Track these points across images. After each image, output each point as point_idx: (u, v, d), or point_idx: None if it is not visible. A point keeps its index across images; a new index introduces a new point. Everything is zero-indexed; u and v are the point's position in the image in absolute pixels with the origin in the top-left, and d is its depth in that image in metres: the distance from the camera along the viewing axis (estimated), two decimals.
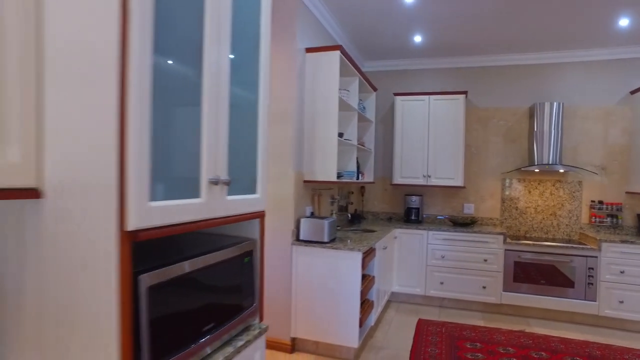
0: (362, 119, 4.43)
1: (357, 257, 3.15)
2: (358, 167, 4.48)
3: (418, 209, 5.03)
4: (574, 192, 4.70)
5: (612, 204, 4.52)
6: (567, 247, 4.17)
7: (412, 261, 4.62)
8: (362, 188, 5.36)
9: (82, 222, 0.93)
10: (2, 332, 1.03)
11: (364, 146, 4.62)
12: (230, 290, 1.35)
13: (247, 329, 1.47)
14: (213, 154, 1.20)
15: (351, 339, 3.16)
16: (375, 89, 4.83)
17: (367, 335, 3.62)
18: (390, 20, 3.95)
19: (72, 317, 0.94)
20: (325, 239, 3.28)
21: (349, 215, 4.79)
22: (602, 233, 4.39)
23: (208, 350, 1.22)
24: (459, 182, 4.75)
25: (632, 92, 4.44)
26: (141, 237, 0.93)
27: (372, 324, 3.74)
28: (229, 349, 1.30)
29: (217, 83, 1.21)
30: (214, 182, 1.20)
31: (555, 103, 4.50)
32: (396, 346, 3.48)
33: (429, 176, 4.85)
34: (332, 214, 4.30)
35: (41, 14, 0.95)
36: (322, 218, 3.35)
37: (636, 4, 3.43)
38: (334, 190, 4.38)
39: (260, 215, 1.52)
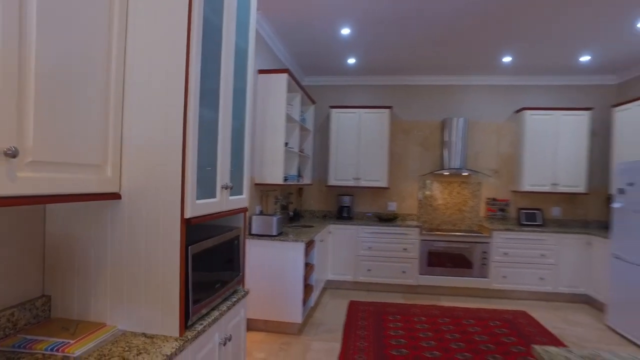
0: (302, 128, 5.08)
1: (301, 247, 3.79)
2: (299, 171, 5.12)
3: (349, 207, 5.79)
4: (475, 192, 5.74)
5: (502, 201, 5.62)
6: (468, 236, 5.15)
7: (344, 252, 5.35)
8: (300, 189, 6.00)
9: (147, 214, 1.46)
10: (89, 288, 1.53)
11: (303, 153, 5.27)
12: (228, 262, 1.92)
13: (235, 291, 2.04)
14: (223, 167, 1.77)
15: (296, 316, 3.79)
16: (314, 102, 5.50)
17: (307, 315, 4.27)
18: (329, 46, 4.64)
19: (146, 275, 1.47)
20: (274, 233, 3.87)
21: (290, 213, 5.41)
22: (494, 224, 5.45)
23: (218, 300, 1.79)
24: (384, 183, 5.57)
25: (516, 112, 5.56)
26: (192, 222, 1.49)
27: (312, 305, 4.40)
28: (228, 303, 1.87)
29: (225, 118, 1.78)
30: (224, 187, 1.77)
31: (461, 118, 5.49)
32: (332, 322, 4.17)
33: (359, 178, 5.62)
34: (276, 212, 4.89)
35: (123, 65, 1.46)
36: (271, 215, 3.94)
37: (514, 47, 4.44)
38: (278, 192, 4.98)
39: (244, 210, 2.10)
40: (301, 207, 6.06)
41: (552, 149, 5.24)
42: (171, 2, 1.44)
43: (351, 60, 5.15)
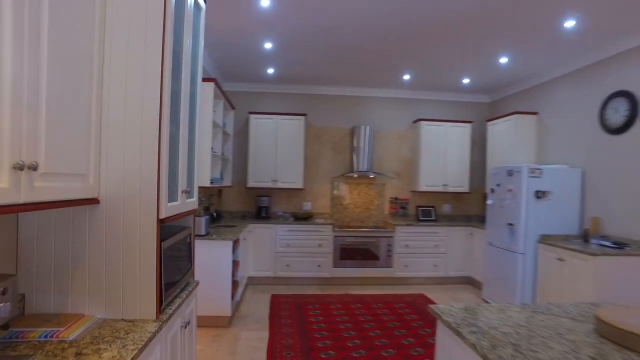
0: (224, 133, 5.31)
1: (229, 245, 4.06)
2: (221, 174, 5.35)
3: (267, 207, 6.14)
4: (380, 192, 6.46)
5: (403, 199, 6.41)
6: (375, 232, 5.82)
7: (264, 250, 5.69)
8: (219, 191, 6.19)
9: (125, 215, 1.70)
10: (65, 284, 1.70)
11: (224, 156, 5.50)
12: (183, 257, 2.18)
13: (189, 283, 2.31)
14: (182, 174, 2.04)
15: (225, 309, 4.05)
16: (233, 108, 5.75)
17: (235, 308, 4.53)
18: (251, 57, 4.95)
19: (124, 268, 1.69)
20: (203, 232, 4.09)
21: (214, 214, 5.60)
22: (397, 220, 6.20)
23: (178, 290, 2.05)
24: (299, 185, 6.02)
25: (414, 122, 6.40)
26: (164, 222, 1.75)
27: (238, 299, 4.68)
28: (185, 292, 2.13)
29: (183, 132, 2.04)
30: (184, 191, 2.03)
31: (368, 126, 6.16)
32: (258, 314, 4.50)
33: (277, 180, 6.00)
34: (200, 213, 5.06)
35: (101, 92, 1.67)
36: (199, 215, 4.14)
37: (412, 67, 5.18)
38: (201, 194, 5.14)
39: (194, 211, 2.37)
40: (221, 208, 6.25)
41: (443, 154, 6.14)
42: (146, 42, 1.69)
43: (270, 70, 5.51)
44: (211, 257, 4.03)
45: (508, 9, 3.43)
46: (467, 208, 6.59)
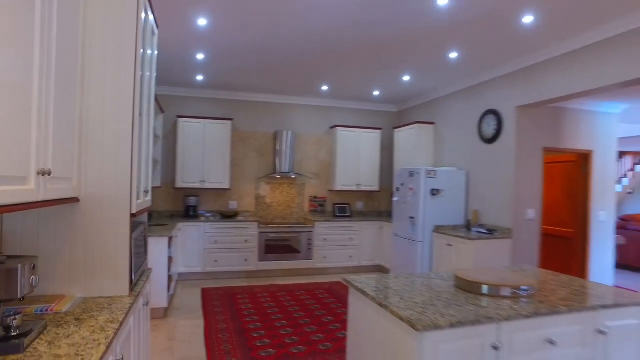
0: (154, 135, 5.54)
1: (165, 241, 4.39)
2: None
3: (195, 206, 6.44)
4: (300, 191, 7.08)
5: (321, 198, 7.10)
6: (296, 227, 6.42)
7: (193, 247, 6.01)
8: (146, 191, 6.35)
9: (102, 211, 2.08)
10: (48, 271, 2.03)
11: (153, 157, 5.72)
12: (142, 247, 2.57)
13: (145, 270, 2.69)
14: (144, 177, 2.43)
15: (162, 302, 4.37)
16: (163, 111, 5.98)
17: (169, 301, 4.84)
18: (182, 66, 5.26)
19: (102, 254, 2.07)
20: None
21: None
22: (316, 216, 6.86)
23: (140, 273, 2.45)
24: (226, 185, 6.42)
25: (331, 127, 7.11)
26: (135, 216, 2.16)
27: (172, 293, 4.98)
28: (145, 277, 2.53)
29: (147, 141, 2.44)
30: (145, 191, 2.43)
31: (290, 131, 6.74)
32: (191, 306, 4.86)
33: (204, 181, 6.34)
34: None
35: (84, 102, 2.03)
36: None
37: (329, 80, 5.87)
38: None
39: (150, 209, 2.75)
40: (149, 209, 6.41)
41: (356, 157, 6.93)
42: (120, 75, 2.09)
43: (200, 77, 5.85)
44: (149, 253, 4.31)
45: (410, 40, 4.22)
46: (378, 205, 7.47)
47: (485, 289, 2.20)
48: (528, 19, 3.63)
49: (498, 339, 1.88)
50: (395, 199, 6.01)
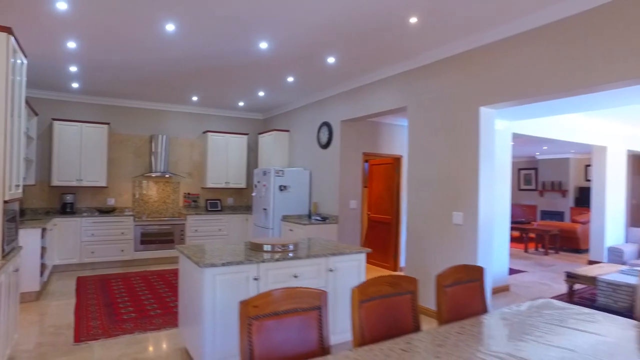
0: (28, 137, 6.00)
1: (38, 232, 5.01)
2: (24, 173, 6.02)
3: (72, 203, 6.94)
4: (175, 189, 7.92)
5: (194, 195, 8.02)
6: (170, 221, 7.27)
7: (69, 240, 6.54)
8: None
9: None
10: None
11: (27, 157, 6.16)
12: (14, 229, 3.35)
13: (17, 247, 3.45)
14: (16, 172, 3.23)
15: (34, 285, 4.98)
16: (37, 114, 6.42)
17: (42, 287, 5.41)
18: (54, 73, 5.83)
19: None
20: None
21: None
22: (189, 211, 7.77)
23: (12, 246, 3.24)
24: (103, 183, 7.03)
25: (204, 132, 8.07)
26: (7, 202, 2.98)
27: (45, 280, 5.55)
28: (15, 250, 3.31)
29: (19, 142, 3.23)
30: (16, 185, 3.23)
31: (165, 135, 7.55)
32: (65, 290, 5.49)
33: (81, 179, 6.88)
34: None
35: None
36: None
37: (198, 91, 6.84)
38: None
39: (21, 199, 3.52)
40: (23, 205, 6.76)
41: (225, 159, 7.97)
42: None
43: (75, 85, 6.42)
44: (22, 242, 4.90)
45: (251, 67, 5.39)
46: (246, 200, 8.60)
47: (265, 247, 3.42)
48: (331, 60, 5.02)
49: (258, 273, 3.09)
50: (253, 194, 7.19)
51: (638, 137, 8.46)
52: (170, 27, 4.06)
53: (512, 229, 10.90)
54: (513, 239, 11.27)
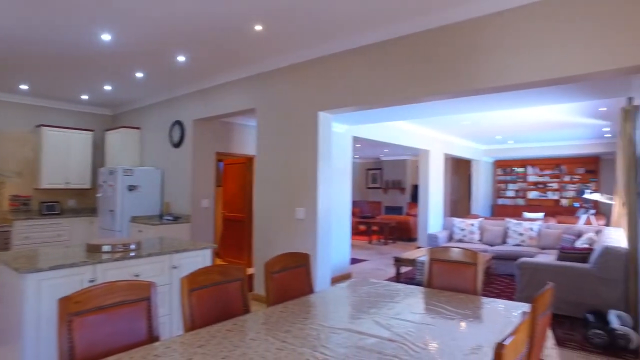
0: None
1: None
2: None
3: None
4: None
5: (25, 196, 7.11)
6: None
7: None
8: None
9: None
10: None
11: None
12: None
13: None
14: None
15: None
16: None
17: None
18: None
19: None
20: None
21: None
22: (18, 215, 6.86)
23: None
24: None
25: (37, 126, 7.20)
26: None
27: None
28: None
29: None
30: None
31: None
32: None
33: None
34: None
35: None
36: None
37: (30, 80, 6.10)
38: None
39: None
40: None
41: (66, 156, 7.24)
42: None
43: None
44: None
45: (92, 59, 5.04)
46: (91, 202, 7.92)
47: (104, 247, 3.31)
48: (181, 58, 5.00)
49: (94, 275, 3.00)
50: (99, 194, 6.70)
51: (452, 143, 10.22)
52: None
53: (359, 223, 12.12)
54: (360, 232, 12.53)
